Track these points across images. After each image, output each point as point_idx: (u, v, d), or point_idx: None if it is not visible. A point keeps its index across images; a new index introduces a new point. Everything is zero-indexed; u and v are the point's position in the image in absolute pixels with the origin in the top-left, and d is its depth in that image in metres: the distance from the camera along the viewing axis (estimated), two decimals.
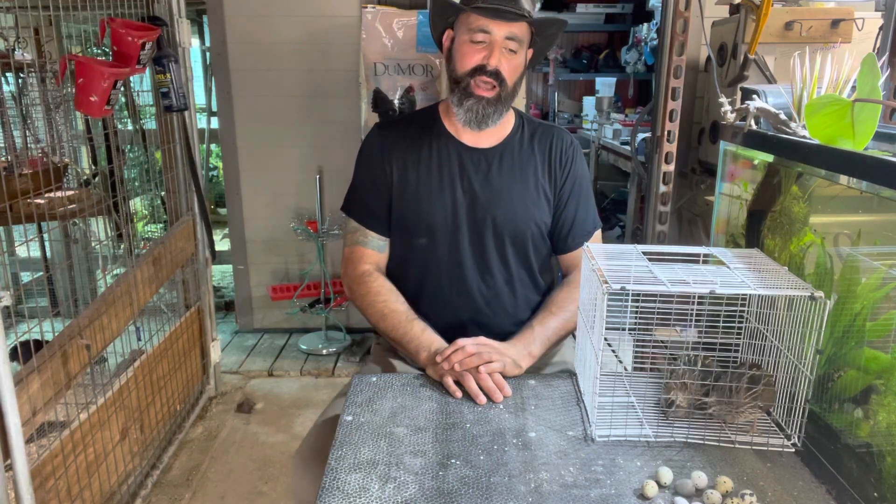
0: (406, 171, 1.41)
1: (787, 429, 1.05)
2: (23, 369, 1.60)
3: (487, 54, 1.31)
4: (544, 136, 1.45)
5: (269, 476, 2.41)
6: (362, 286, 1.41)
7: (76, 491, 1.78)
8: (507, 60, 1.32)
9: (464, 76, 1.33)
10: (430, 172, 1.40)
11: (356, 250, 1.45)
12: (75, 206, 2.14)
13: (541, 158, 1.44)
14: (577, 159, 1.46)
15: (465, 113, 1.35)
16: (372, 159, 1.44)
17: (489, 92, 1.33)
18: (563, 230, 1.45)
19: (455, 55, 1.36)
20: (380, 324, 1.37)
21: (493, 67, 1.31)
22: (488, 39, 1.30)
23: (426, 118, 1.46)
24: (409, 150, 1.42)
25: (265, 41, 3.23)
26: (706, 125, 2.99)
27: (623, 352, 1.47)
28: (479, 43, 1.31)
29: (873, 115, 1.00)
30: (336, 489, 0.94)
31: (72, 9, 1.91)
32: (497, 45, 1.30)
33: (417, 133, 1.44)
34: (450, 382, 1.19)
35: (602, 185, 5.05)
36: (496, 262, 1.42)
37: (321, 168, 3.37)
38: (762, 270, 1.08)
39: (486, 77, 1.31)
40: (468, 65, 1.33)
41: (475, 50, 1.32)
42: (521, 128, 1.46)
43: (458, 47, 1.35)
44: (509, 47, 1.31)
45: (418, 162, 1.41)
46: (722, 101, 1.43)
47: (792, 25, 2.42)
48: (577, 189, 1.45)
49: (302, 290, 3.41)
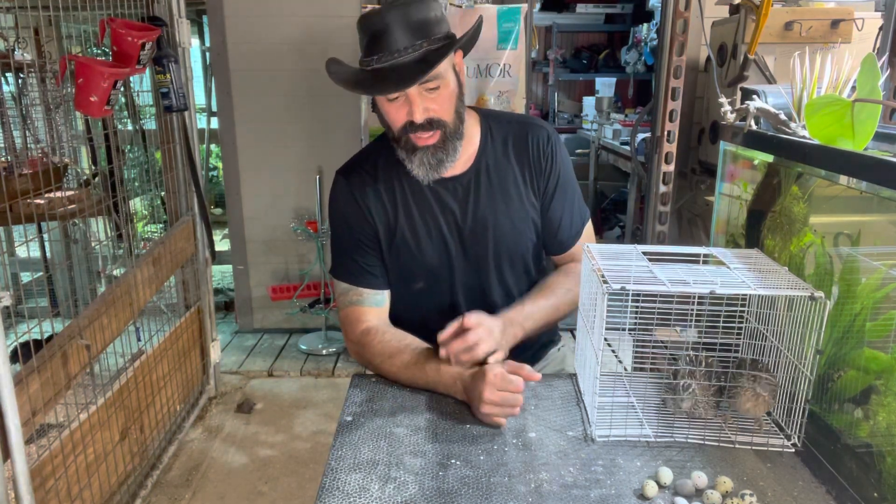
0: (387, 217, 1.32)
1: (787, 429, 1.05)
2: (23, 370, 1.60)
3: (409, 109, 1.18)
4: (518, 139, 1.34)
5: (269, 476, 2.41)
6: (367, 349, 1.29)
7: (76, 491, 1.78)
8: (434, 101, 1.19)
9: (400, 133, 1.22)
10: (412, 214, 1.31)
11: (352, 312, 1.33)
12: (75, 207, 2.14)
13: (519, 167, 1.34)
14: (556, 154, 1.36)
15: (418, 167, 1.23)
16: (349, 212, 1.33)
17: (431, 139, 1.21)
18: (552, 231, 1.39)
19: (381, 112, 1.25)
20: (400, 380, 1.27)
21: (422, 120, 1.18)
22: (402, 95, 1.18)
23: (390, 152, 1.30)
24: (383, 193, 1.32)
25: (265, 41, 3.23)
26: (706, 125, 2.99)
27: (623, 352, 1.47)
28: (396, 100, 1.19)
29: (873, 115, 1.00)
30: (336, 489, 0.94)
31: (72, 9, 1.91)
32: (414, 98, 1.17)
33: (385, 173, 1.32)
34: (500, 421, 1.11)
35: (602, 185, 5.06)
36: (496, 286, 1.37)
37: (321, 168, 3.37)
38: (762, 270, 1.08)
39: (419, 132, 1.20)
40: (396, 123, 1.21)
41: (395, 108, 1.20)
42: (489, 135, 1.34)
43: (380, 105, 1.23)
44: (429, 87, 1.18)
45: (396, 204, 1.31)
46: (722, 102, 1.43)
47: (792, 25, 2.42)
48: (562, 186, 1.38)
49: (302, 290, 3.41)
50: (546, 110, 5.87)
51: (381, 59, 1.16)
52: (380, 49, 1.16)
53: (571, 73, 5.72)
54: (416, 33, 1.16)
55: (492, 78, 2.88)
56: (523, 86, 2.90)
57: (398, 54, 1.15)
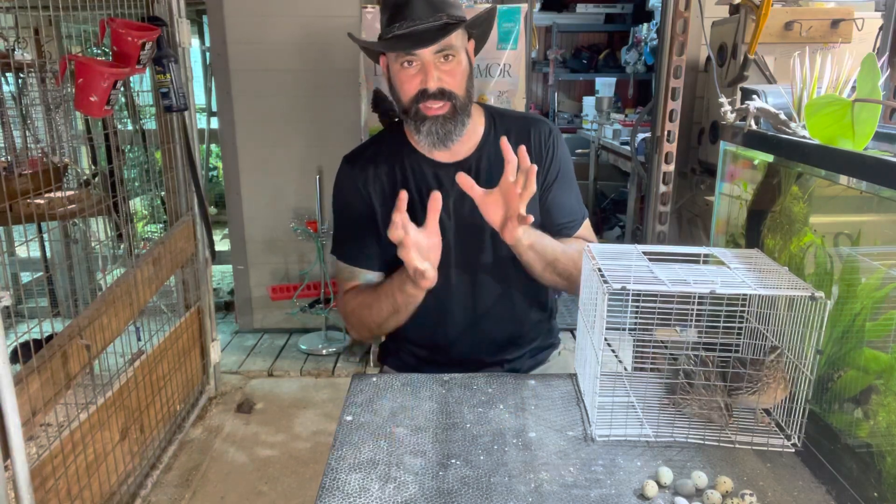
0: (386, 200, 1.35)
1: (787, 429, 1.05)
2: (23, 370, 1.60)
3: (423, 77, 1.23)
4: (521, 132, 1.37)
5: (269, 476, 2.41)
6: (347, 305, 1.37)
7: (76, 491, 1.78)
8: (447, 72, 1.25)
9: (410, 104, 1.27)
10: (411, 198, 1.31)
11: (345, 285, 1.41)
12: (75, 206, 2.14)
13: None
14: (558, 149, 1.40)
15: (426, 137, 1.28)
16: (350, 195, 1.38)
17: (441, 109, 1.25)
18: (552, 218, 1.40)
19: (394, 84, 1.29)
20: (377, 321, 1.33)
21: (434, 89, 1.24)
22: (418, 61, 1.23)
23: (394, 139, 1.38)
24: (385, 178, 1.36)
25: (265, 41, 3.23)
26: (706, 125, 2.99)
27: (623, 352, 1.47)
28: (411, 67, 1.24)
29: (873, 115, 1.00)
30: (336, 489, 0.94)
31: (72, 9, 1.91)
32: (429, 65, 1.23)
33: (388, 158, 1.37)
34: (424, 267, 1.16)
35: (602, 185, 5.06)
36: (490, 268, 1.37)
37: (321, 168, 3.37)
38: (762, 271, 1.08)
39: (431, 100, 1.24)
40: (409, 93, 1.26)
41: (410, 76, 1.25)
42: (493, 127, 1.39)
43: (394, 76, 1.28)
44: (443, 57, 1.24)
45: (396, 187, 1.34)
46: (722, 101, 1.43)
47: (792, 25, 2.42)
48: (562, 179, 1.40)
49: (302, 290, 3.41)
50: (546, 110, 5.87)
51: (402, 26, 1.22)
52: (401, 18, 1.23)
53: (571, 73, 5.72)
54: (437, 7, 1.23)
55: (492, 78, 2.88)
56: (523, 86, 2.91)
57: (419, 21, 1.22)
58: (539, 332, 1.47)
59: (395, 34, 1.23)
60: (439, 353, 1.42)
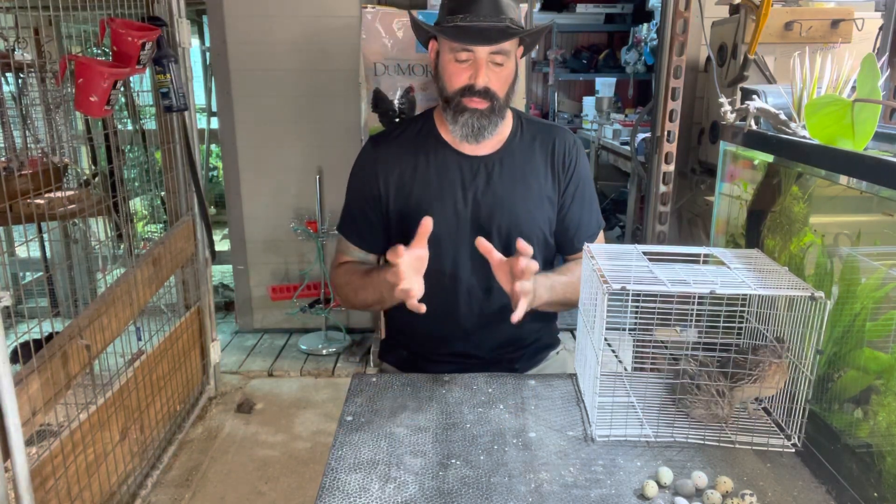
0: (403, 184, 1.38)
1: (787, 429, 1.05)
2: (23, 370, 1.60)
3: (473, 73, 1.27)
4: (546, 138, 1.42)
5: (269, 476, 2.41)
6: (338, 278, 1.42)
7: (76, 491, 1.78)
8: (496, 74, 1.28)
9: (453, 95, 1.30)
10: (430, 183, 1.37)
11: (339, 257, 1.47)
12: (75, 206, 2.14)
13: (543, 161, 1.41)
14: (579, 160, 1.44)
15: (461, 128, 1.31)
16: (364, 176, 1.41)
17: (482, 104, 1.29)
18: (568, 232, 1.43)
19: (441, 73, 1.32)
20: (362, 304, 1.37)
21: (481, 87, 1.27)
22: (472, 58, 1.26)
23: (422, 126, 1.42)
24: (406, 162, 1.38)
25: (265, 41, 3.23)
26: (706, 125, 2.98)
27: (623, 352, 1.47)
28: (464, 62, 1.27)
29: (873, 115, 1.00)
30: (336, 489, 0.94)
31: (72, 9, 1.91)
32: (482, 63, 1.26)
33: (414, 143, 1.40)
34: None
35: (602, 185, 5.05)
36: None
37: (321, 168, 3.37)
38: (762, 271, 1.08)
39: (474, 97, 1.28)
40: (455, 85, 1.29)
41: (460, 70, 1.28)
42: (520, 128, 1.42)
43: (444, 66, 1.31)
44: (495, 61, 1.27)
45: (416, 172, 1.38)
46: (722, 102, 1.43)
47: (792, 25, 2.42)
48: (581, 190, 1.43)
49: (302, 290, 3.41)
50: (546, 110, 5.87)
51: (467, 19, 1.25)
52: (467, 10, 1.25)
53: (571, 73, 5.72)
54: (501, 10, 1.26)
55: None
56: (523, 86, 2.91)
57: (484, 19, 1.24)
58: (539, 332, 1.47)
59: (458, 25, 1.25)
60: (441, 347, 1.42)
